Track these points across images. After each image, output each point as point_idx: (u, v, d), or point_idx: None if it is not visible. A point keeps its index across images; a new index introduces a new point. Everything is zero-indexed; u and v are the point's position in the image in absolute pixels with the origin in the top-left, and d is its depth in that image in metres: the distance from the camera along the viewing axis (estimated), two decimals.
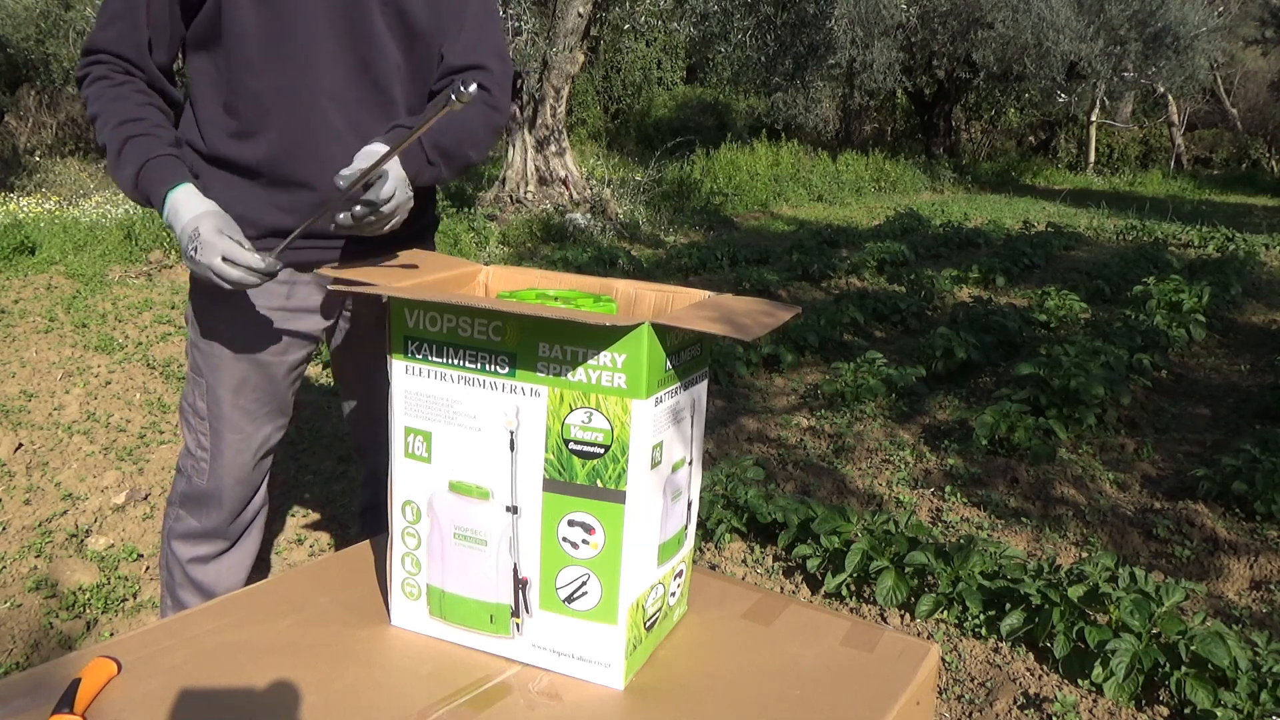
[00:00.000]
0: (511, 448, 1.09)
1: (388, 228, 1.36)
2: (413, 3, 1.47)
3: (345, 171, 1.27)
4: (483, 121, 1.51)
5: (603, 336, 1.03)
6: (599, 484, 1.05)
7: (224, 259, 1.28)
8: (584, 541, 1.07)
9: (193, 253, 1.29)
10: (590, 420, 1.05)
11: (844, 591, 2.47)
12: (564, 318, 1.01)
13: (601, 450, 1.05)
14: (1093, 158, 20.33)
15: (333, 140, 1.46)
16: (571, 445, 1.06)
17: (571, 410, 1.05)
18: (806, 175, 13.38)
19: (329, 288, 1.54)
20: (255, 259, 1.29)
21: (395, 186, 1.31)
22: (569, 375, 1.05)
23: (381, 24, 1.45)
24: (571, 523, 1.08)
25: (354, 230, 1.34)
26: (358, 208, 1.30)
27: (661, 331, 1.04)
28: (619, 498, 1.05)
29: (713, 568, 2.60)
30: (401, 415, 1.16)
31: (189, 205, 1.33)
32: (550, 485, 1.08)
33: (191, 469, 1.60)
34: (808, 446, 3.58)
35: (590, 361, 1.04)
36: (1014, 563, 2.42)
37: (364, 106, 1.47)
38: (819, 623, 1.26)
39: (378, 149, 1.33)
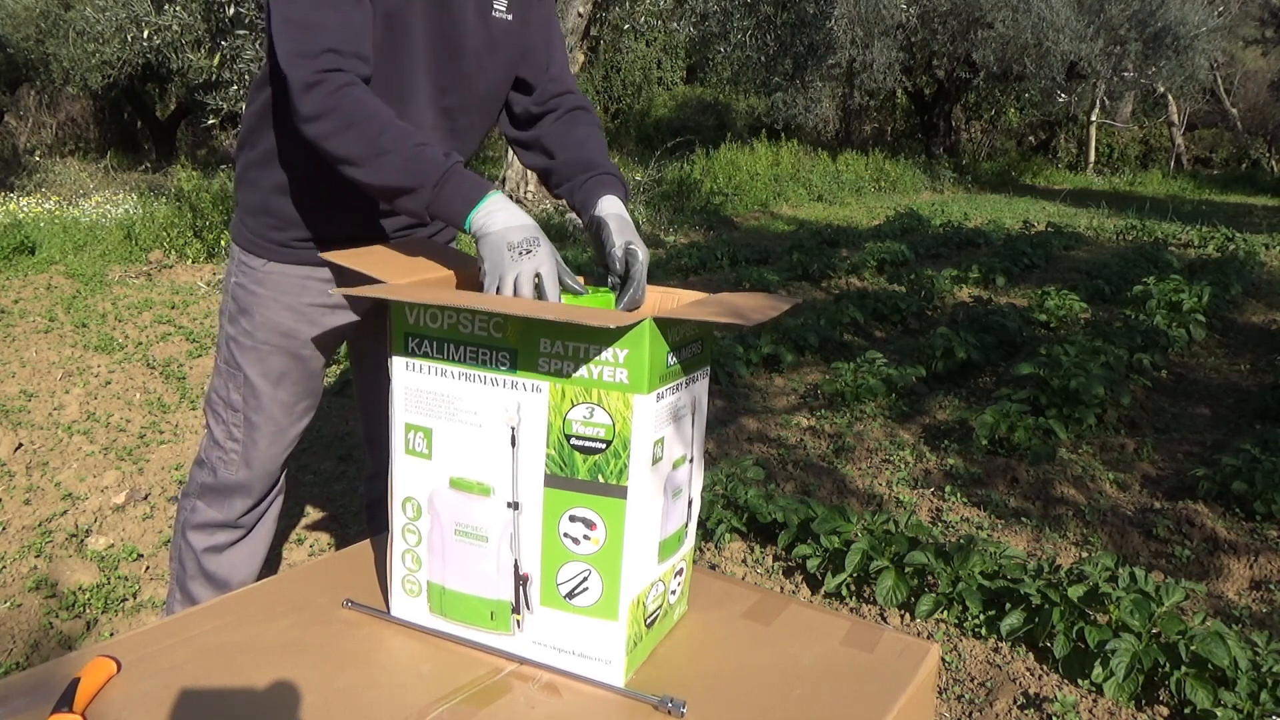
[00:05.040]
0: (513, 444, 1.09)
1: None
2: (506, 38, 1.51)
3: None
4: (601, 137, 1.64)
5: (604, 333, 1.03)
6: (600, 479, 1.06)
7: (537, 275, 1.23)
8: (585, 537, 1.07)
9: (522, 254, 1.22)
10: (592, 415, 1.05)
11: (844, 591, 2.47)
12: (564, 319, 1.01)
13: (603, 445, 1.05)
14: (1093, 158, 20.33)
15: None
16: (573, 441, 1.06)
17: (573, 406, 1.06)
18: (806, 175, 13.38)
19: (330, 291, 1.55)
20: (552, 292, 1.23)
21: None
22: (571, 371, 1.05)
23: (473, 63, 1.48)
24: (573, 518, 1.08)
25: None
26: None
27: (663, 327, 1.04)
28: (620, 493, 1.05)
29: (713, 568, 2.60)
30: (402, 412, 1.16)
31: (515, 212, 1.28)
32: (551, 481, 1.08)
33: (219, 460, 1.62)
34: (808, 446, 3.58)
35: (592, 357, 1.04)
36: (1014, 563, 2.42)
37: (435, 130, 1.50)
38: (819, 622, 1.26)
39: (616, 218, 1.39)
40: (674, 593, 1.22)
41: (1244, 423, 3.99)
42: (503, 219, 1.25)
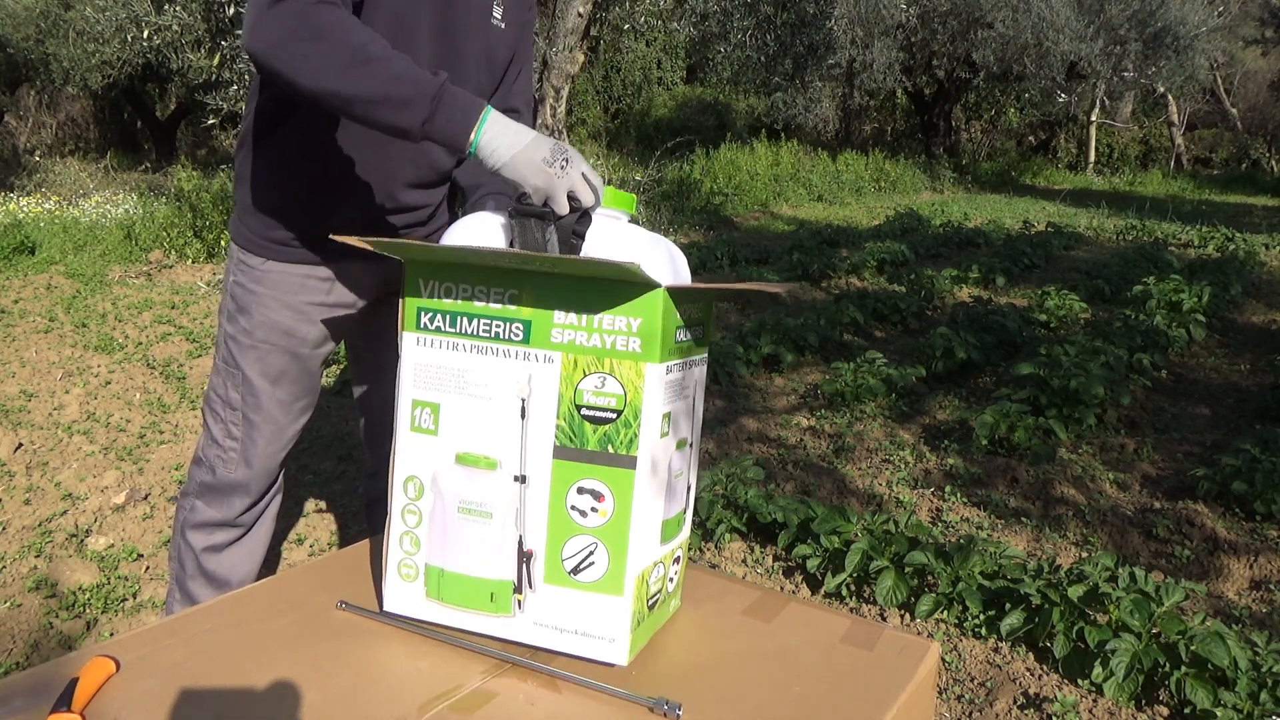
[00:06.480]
0: (522, 415, 1.09)
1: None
2: (500, 45, 1.54)
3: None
4: None
5: (619, 294, 1.04)
6: (610, 449, 1.06)
7: (584, 177, 1.19)
8: (593, 510, 1.08)
9: (562, 165, 1.18)
10: (604, 385, 1.06)
11: (844, 591, 2.47)
12: (583, 268, 1.03)
13: (614, 415, 1.06)
14: (1093, 158, 20.34)
15: (403, 156, 1.50)
16: (584, 411, 1.07)
17: (585, 375, 1.06)
18: (806, 175, 13.38)
19: (332, 237, 1.54)
20: (600, 185, 1.20)
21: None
22: (583, 340, 1.06)
23: (470, 66, 1.50)
24: (581, 490, 1.08)
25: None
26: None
27: (675, 298, 1.06)
28: (630, 463, 1.06)
29: (713, 567, 2.60)
30: (410, 388, 1.16)
31: (517, 126, 1.23)
32: (560, 452, 1.08)
33: (217, 459, 1.62)
34: (808, 446, 3.58)
35: (605, 325, 1.05)
36: (1014, 563, 2.42)
37: None
38: (819, 620, 1.26)
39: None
40: (672, 580, 1.22)
41: (1244, 423, 3.99)
42: (513, 136, 1.20)
